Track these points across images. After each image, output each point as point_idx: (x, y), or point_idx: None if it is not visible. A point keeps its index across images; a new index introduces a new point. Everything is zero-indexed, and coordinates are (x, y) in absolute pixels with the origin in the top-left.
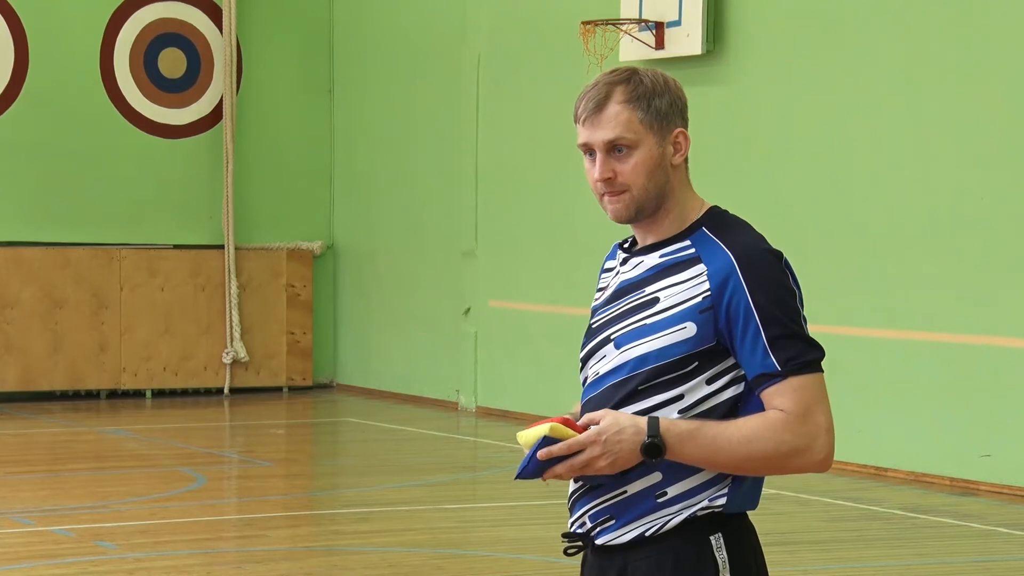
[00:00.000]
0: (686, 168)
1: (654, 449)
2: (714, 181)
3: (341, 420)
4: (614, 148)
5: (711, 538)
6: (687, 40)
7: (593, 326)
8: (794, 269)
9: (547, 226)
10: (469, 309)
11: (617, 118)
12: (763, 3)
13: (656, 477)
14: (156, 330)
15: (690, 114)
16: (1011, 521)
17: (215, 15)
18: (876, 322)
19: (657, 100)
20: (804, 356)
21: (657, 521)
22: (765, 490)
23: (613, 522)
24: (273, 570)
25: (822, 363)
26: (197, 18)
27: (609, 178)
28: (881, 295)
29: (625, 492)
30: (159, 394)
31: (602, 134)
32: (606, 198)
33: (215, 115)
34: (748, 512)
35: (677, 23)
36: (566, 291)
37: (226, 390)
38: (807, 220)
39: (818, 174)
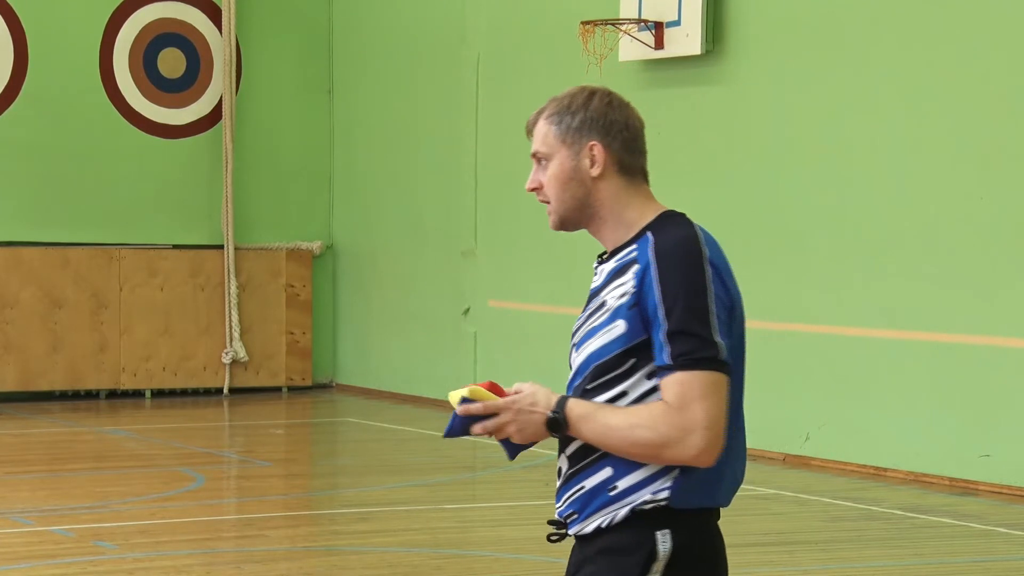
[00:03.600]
0: (623, 179)
1: (555, 424)
2: (714, 181)
3: (340, 420)
4: (538, 160)
5: (657, 532)
6: (686, 40)
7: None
8: (726, 269)
9: (546, 226)
10: (469, 309)
11: (539, 133)
12: (763, 3)
13: (608, 472)
14: (155, 330)
15: (689, 114)
16: (1010, 521)
17: (214, 15)
18: (876, 322)
19: (569, 117)
20: (695, 353)
21: (610, 514)
22: (764, 490)
23: (577, 516)
24: (272, 570)
25: (720, 363)
26: (196, 18)
27: (535, 188)
28: (881, 295)
29: (583, 487)
30: (158, 394)
31: (532, 146)
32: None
33: (214, 115)
34: (722, 510)
35: (676, 23)
36: (565, 291)
37: (225, 390)
38: (806, 220)
39: (817, 174)
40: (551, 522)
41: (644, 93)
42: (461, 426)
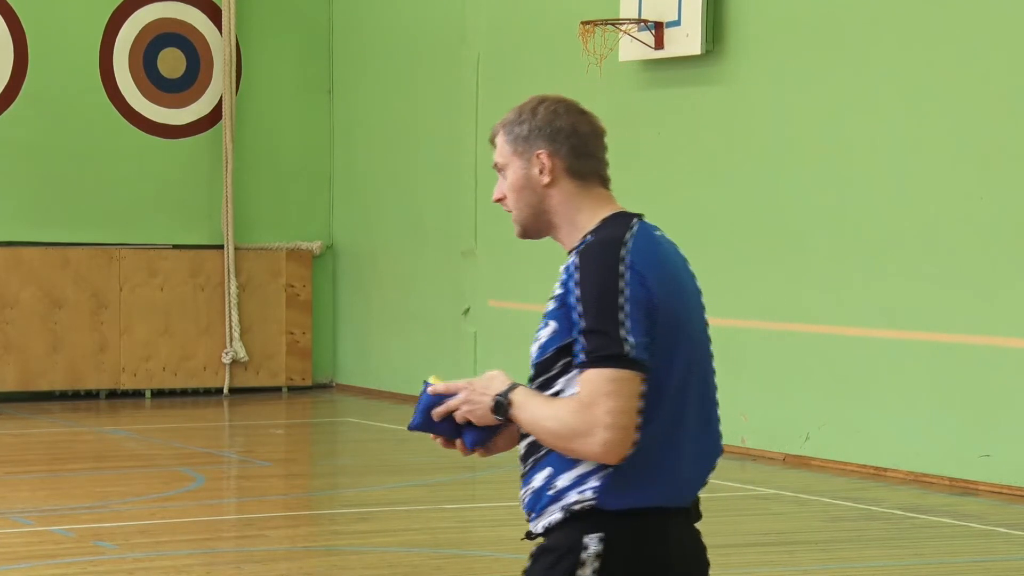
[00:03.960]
0: (574, 185)
1: (498, 407)
2: (714, 181)
3: (341, 420)
4: (498, 171)
5: (586, 536)
6: (686, 40)
7: None
8: (648, 268)
9: None
10: (468, 309)
11: (497, 144)
12: (762, 3)
13: (547, 472)
14: (155, 330)
15: (689, 114)
16: (1010, 521)
17: (214, 15)
18: (876, 322)
19: (517, 127)
20: (603, 351)
21: (552, 514)
22: (764, 490)
23: (532, 515)
24: (272, 570)
25: (630, 361)
26: (196, 18)
27: (499, 199)
28: (881, 295)
29: (531, 487)
30: (158, 394)
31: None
32: None
33: (214, 115)
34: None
35: (676, 23)
36: None
37: (225, 390)
38: (806, 220)
39: (817, 174)
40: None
41: (644, 93)
42: (424, 417)
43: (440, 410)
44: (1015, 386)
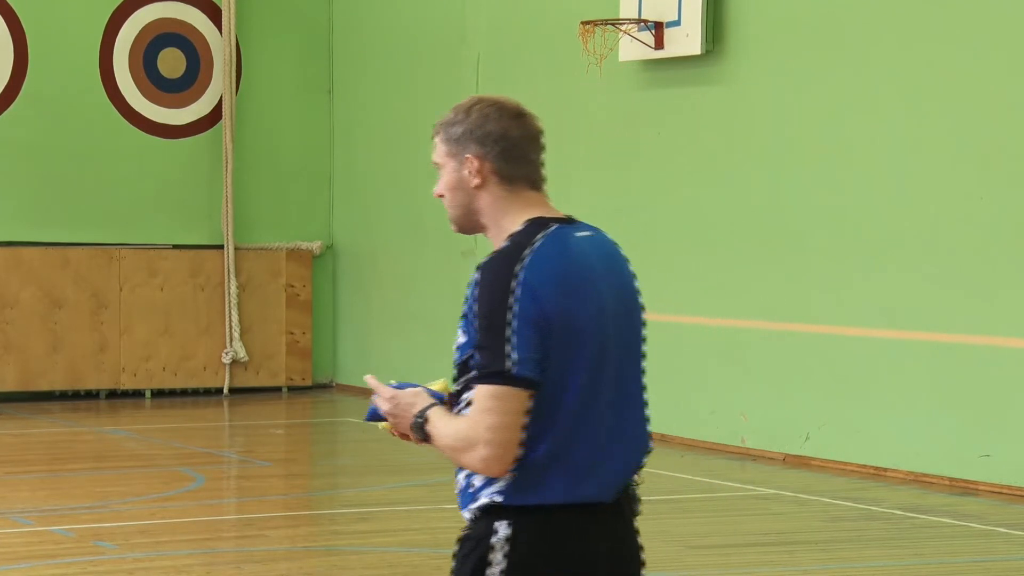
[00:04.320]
0: (502, 189)
1: (416, 428)
2: (714, 181)
3: (340, 420)
4: (437, 170)
5: (496, 524)
6: (686, 40)
7: None
8: (542, 282)
9: None
10: None
11: (436, 143)
12: (762, 3)
13: (466, 472)
14: (155, 330)
15: (689, 114)
16: (1010, 521)
17: (214, 15)
18: (876, 322)
19: (451, 129)
20: (488, 367)
21: (472, 509)
22: (764, 490)
23: (461, 508)
24: (272, 570)
25: (511, 377)
26: (196, 18)
27: (439, 195)
28: (881, 295)
29: (458, 484)
30: (158, 394)
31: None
32: None
33: (214, 115)
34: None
35: (676, 23)
36: None
37: (225, 390)
38: (806, 220)
39: (817, 174)
40: None
41: (644, 93)
42: (376, 411)
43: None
44: (1015, 386)
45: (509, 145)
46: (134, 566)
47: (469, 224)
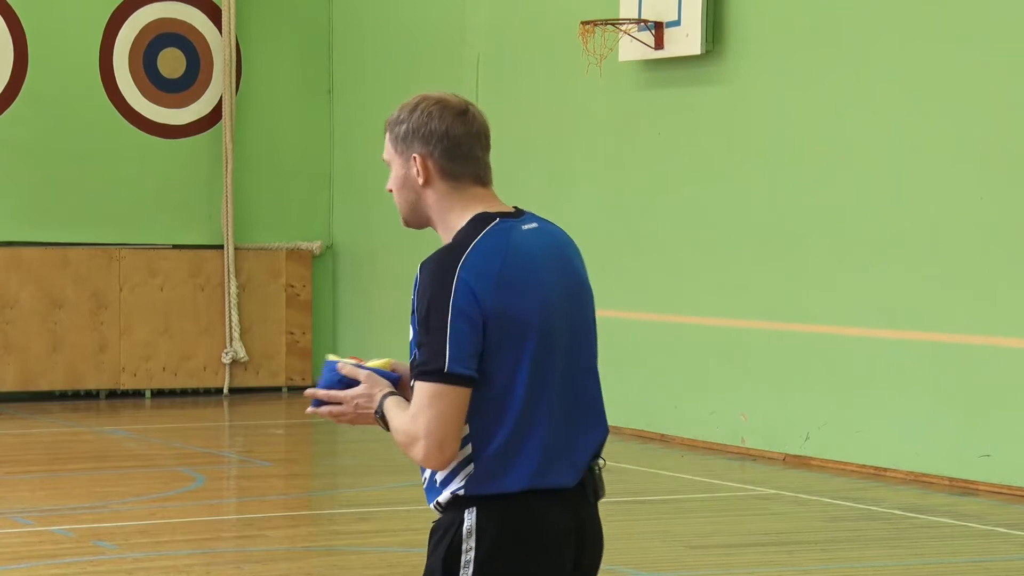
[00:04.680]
0: (447, 186)
1: (380, 422)
2: (713, 181)
3: None
4: (388, 165)
5: (465, 511)
6: (686, 40)
7: None
8: (481, 280)
9: None
10: None
11: (386, 140)
12: (762, 3)
13: None
14: (155, 330)
15: (689, 114)
16: (1010, 521)
17: (214, 15)
18: (876, 322)
19: (397, 127)
20: (426, 365)
21: (433, 501)
22: (764, 490)
23: (429, 500)
24: (272, 570)
25: (449, 375)
26: (196, 18)
27: (390, 190)
28: (881, 295)
29: (424, 478)
30: (158, 394)
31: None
32: None
33: (214, 115)
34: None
35: (676, 23)
36: None
37: (225, 390)
38: (806, 219)
39: (817, 174)
40: None
41: (644, 93)
42: (332, 374)
43: (325, 412)
44: (1015, 386)
45: (452, 144)
46: (134, 566)
47: (416, 220)
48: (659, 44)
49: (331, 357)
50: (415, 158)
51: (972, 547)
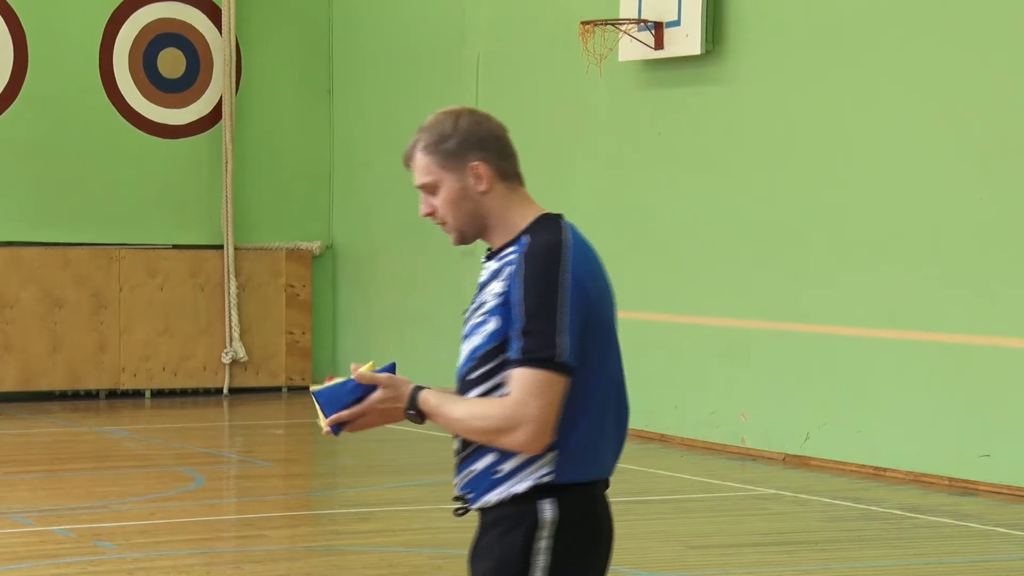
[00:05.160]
0: (505, 187)
1: (414, 418)
2: (714, 181)
3: None
4: (426, 190)
5: (539, 502)
6: (686, 40)
7: None
8: (587, 275)
9: None
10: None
11: (419, 165)
12: (762, 3)
13: (492, 457)
14: (155, 330)
15: (689, 114)
16: (1010, 521)
17: (214, 15)
18: (876, 322)
19: (444, 143)
20: (538, 352)
21: (500, 492)
22: (764, 490)
23: (473, 494)
24: (272, 570)
25: (559, 364)
26: (196, 18)
27: (430, 213)
28: (881, 295)
29: (472, 471)
30: (158, 394)
31: (416, 180)
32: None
33: (214, 115)
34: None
35: (676, 23)
36: None
37: (225, 390)
38: (806, 219)
39: (817, 174)
40: (456, 497)
41: (644, 93)
42: (333, 398)
43: (348, 415)
44: (1015, 386)
45: (502, 144)
46: (134, 566)
47: (474, 232)
48: (659, 44)
49: (316, 387)
50: (473, 167)
51: (972, 547)
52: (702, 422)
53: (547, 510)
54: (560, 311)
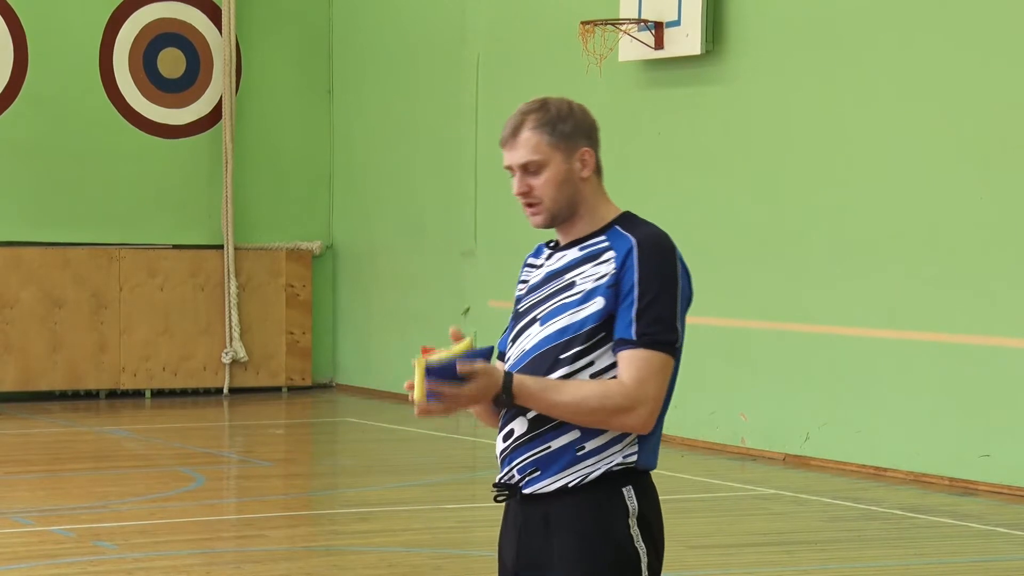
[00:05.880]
0: (597, 179)
1: (500, 401)
2: (714, 181)
3: (340, 420)
4: (527, 168)
5: (623, 489)
6: (686, 40)
7: (520, 310)
8: (688, 271)
9: None
10: (468, 309)
11: (528, 143)
12: (762, 3)
13: (576, 434)
14: (155, 330)
15: (689, 114)
16: (1010, 521)
17: (214, 15)
18: (876, 322)
19: (561, 125)
20: (659, 335)
21: (579, 473)
22: (764, 490)
23: (539, 473)
24: (272, 570)
25: (675, 349)
26: (196, 18)
27: (525, 192)
28: (881, 295)
29: (549, 447)
30: (158, 394)
31: (517, 157)
32: (527, 210)
33: (214, 115)
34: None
35: (676, 23)
36: None
37: (225, 390)
38: (806, 219)
39: (817, 174)
40: (496, 485)
41: (644, 93)
42: (443, 372)
43: (449, 390)
44: (1015, 386)
45: (598, 138)
46: (134, 566)
47: (564, 216)
48: (659, 44)
49: (431, 358)
50: (583, 151)
51: (972, 547)
52: (702, 422)
53: (632, 497)
54: (677, 297)
